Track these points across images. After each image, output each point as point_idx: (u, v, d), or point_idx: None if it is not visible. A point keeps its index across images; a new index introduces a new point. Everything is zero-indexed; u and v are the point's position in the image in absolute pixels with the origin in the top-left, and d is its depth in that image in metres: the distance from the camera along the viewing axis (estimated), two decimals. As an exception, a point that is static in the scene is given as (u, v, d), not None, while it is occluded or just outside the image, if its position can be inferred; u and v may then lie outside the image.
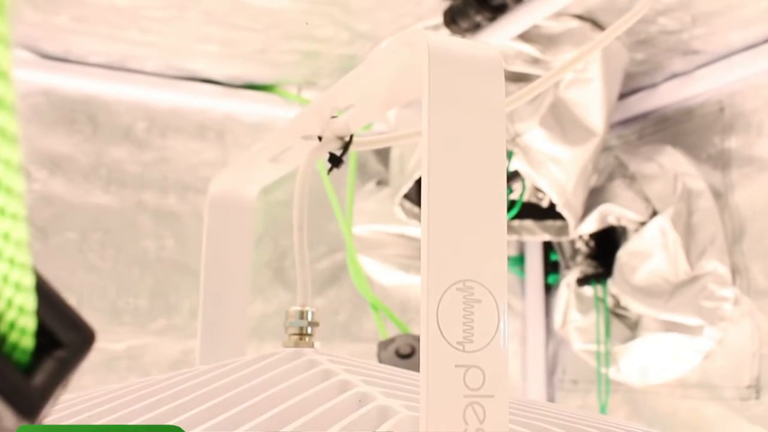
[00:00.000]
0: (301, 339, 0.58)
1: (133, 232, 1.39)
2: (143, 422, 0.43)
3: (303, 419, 0.41)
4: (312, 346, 0.58)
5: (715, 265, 1.30)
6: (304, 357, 0.54)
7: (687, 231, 1.34)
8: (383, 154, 1.52)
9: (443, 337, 0.38)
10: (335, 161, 0.62)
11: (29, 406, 0.22)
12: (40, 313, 0.23)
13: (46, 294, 0.23)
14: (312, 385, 0.48)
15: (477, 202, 0.39)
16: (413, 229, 1.40)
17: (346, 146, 0.62)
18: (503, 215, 0.41)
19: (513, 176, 1.31)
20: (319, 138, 0.62)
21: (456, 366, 0.38)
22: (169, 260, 1.40)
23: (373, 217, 1.45)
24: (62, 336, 0.23)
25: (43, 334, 0.23)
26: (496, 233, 0.40)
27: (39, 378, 0.22)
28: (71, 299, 1.13)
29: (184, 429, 0.41)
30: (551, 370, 1.59)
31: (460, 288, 0.39)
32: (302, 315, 0.59)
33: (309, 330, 0.58)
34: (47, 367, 0.23)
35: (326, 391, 0.47)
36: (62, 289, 0.26)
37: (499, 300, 0.39)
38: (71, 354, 0.23)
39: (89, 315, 0.94)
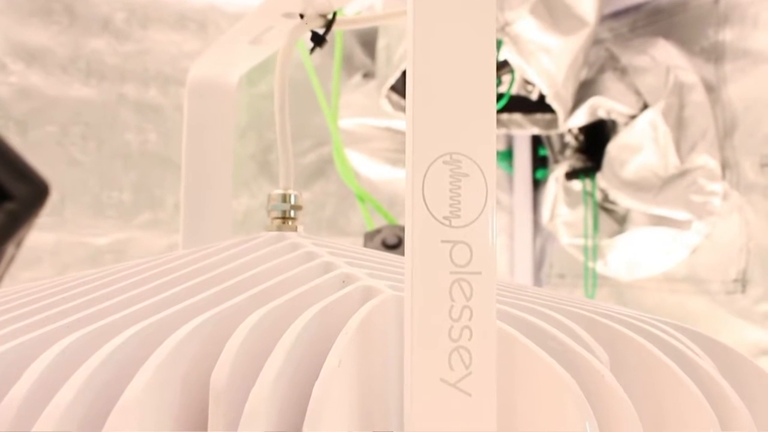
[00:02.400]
0: (284, 223, 0.56)
1: (115, 125, 1.36)
2: (117, 303, 0.41)
3: (284, 298, 0.40)
4: (295, 230, 0.56)
5: (705, 160, 1.29)
6: (286, 240, 0.52)
7: (678, 124, 1.32)
8: (369, 47, 1.48)
9: (429, 211, 0.36)
10: (318, 40, 0.59)
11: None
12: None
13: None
14: (294, 266, 0.46)
15: (465, 71, 0.37)
16: (400, 123, 1.38)
17: (329, 25, 0.59)
18: (492, 88, 0.39)
19: (502, 67, 1.28)
20: (301, 16, 0.59)
21: (442, 241, 0.36)
22: (153, 154, 1.37)
23: (359, 110, 1.43)
24: (12, 188, 0.21)
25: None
26: (485, 105, 0.38)
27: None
28: (52, 194, 1.11)
29: (159, 311, 0.39)
30: (538, 265, 1.59)
31: (447, 161, 0.37)
32: (285, 198, 0.57)
33: (292, 214, 0.56)
34: (-6, 219, 0.21)
35: (309, 272, 0.45)
36: None
37: (488, 174, 0.37)
38: (22, 207, 0.21)
39: (72, 209, 0.93)
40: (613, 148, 1.38)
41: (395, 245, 0.98)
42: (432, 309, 0.35)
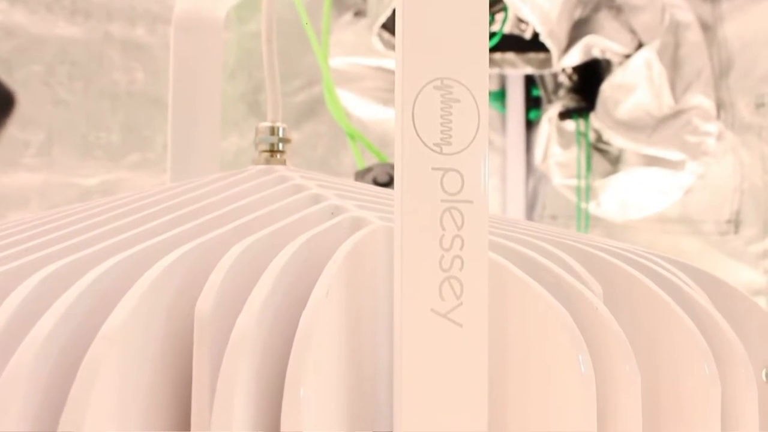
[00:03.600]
0: (272, 156, 0.55)
1: (102, 64, 1.34)
2: (99, 234, 0.40)
3: (271, 228, 0.39)
4: (284, 163, 0.55)
5: (700, 99, 1.27)
6: (274, 173, 0.51)
7: (673, 64, 1.30)
8: (361, -16, 1.46)
9: (419, 138, 0.35)
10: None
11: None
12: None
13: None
14: (282, 198, 0.45)
15: (457, -6, 0.36)
16: (392, 62, 1.36)
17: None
18: (485, 13, 0.37)
19: (495, 4, 1.26)
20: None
21: (433, 169, 0.35)
22: (141, 94, 1.35)
23: (350, 49, 1.41)
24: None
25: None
26: (477, 28, 0.37)
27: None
28: (39, 134, 1.09)
29: (142, 241, 0.39)
30: (531, 206, 1.58)
31: (438, 86, 0.36)
32: (273, 131, 0.56)
33: (280, 147, 0.55)
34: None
35: (296, 204, 0.44)
36: (29, 123, 0.22)
37: (480, 100, 0.36)
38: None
39: (59, 150, 0.92)
40: (607, 88, 1.36)
41: (386, 183, 0.97)
42: (422, 238, 0.35)
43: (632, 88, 1.31)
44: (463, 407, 0.35)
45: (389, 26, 1.29)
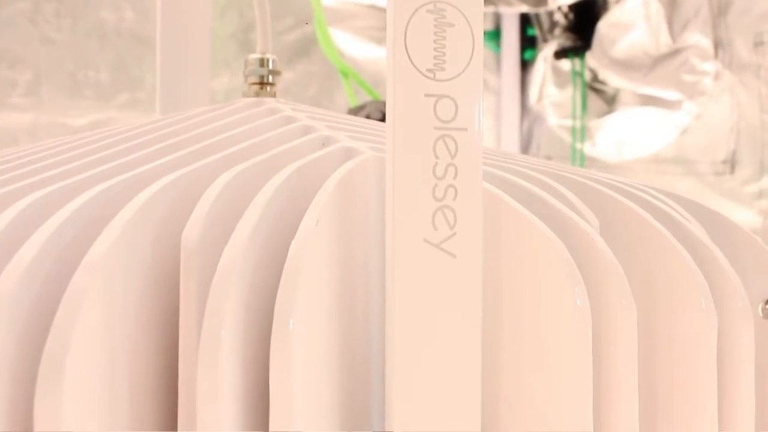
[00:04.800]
0: (261, 88, 0.54)
1: (89, 2, 1.31)
2: (83, 164, 0.39)
3: (260, 157, 0.38)
4: (274, 96, 0.54)
5: (697, 38, 1.26)
6: (264, 105, 0.50)
7: (671, 2, 1.28)
8: None
9: (412, 63, 0.34)
10: None
11: None
12: None
13: None
14: (271, 129, 0.44)
15: None
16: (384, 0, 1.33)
17: None
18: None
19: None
20: None
21: (426, 95, 0.34)
22: (130, 33, 1.33)
23: (343, -14, 1.38)
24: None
25: None
26: (473, -50, 0.35)
27: None
28: (27, 73, 1.08)
29: (128, 170, 0.38)
30: (525, 147, 1.57)
31: (431, 10, 0.34)
32: (263, 63, 0.54)
33: (270, 79, 0.54)
34: None
35: (286, 134, 0.43)
36: (16, 63, 0.21)
37: (474, 25, 0.35)
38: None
39: (48, 90, 0.90)
40: (603, 27, 1.34)
41: (379, 121, 0.95)
42: (415, 166, 0.34)
43: (629, 27, 1.30)
44: (456, 338, 0.34)
45: (383, -38, 1.27)
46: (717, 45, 1.26)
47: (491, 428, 0.38)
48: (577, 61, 1.39)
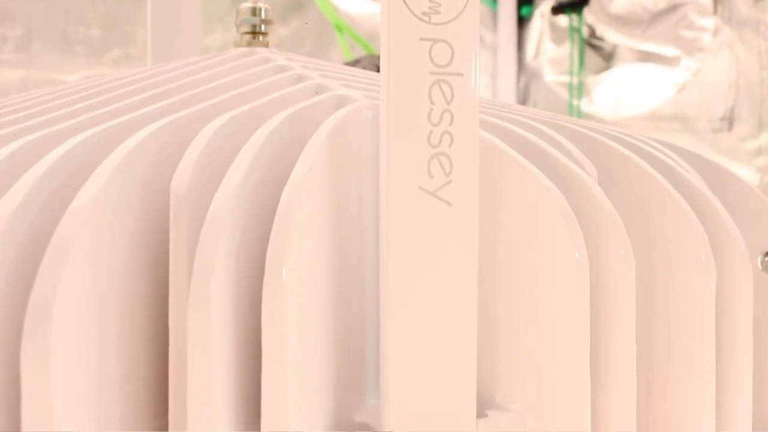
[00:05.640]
0: (254, 38, 0.53)
1: (80, -44, 1.29)
2: (69, 112, 0.38)
3: (251, 104, 0.37)
4: (266, 45, 0.53)
5: (696, -7, 1.24)
6: (257, 55, 0.49)
7: (670, -44, 1.27)
8: None
9: (407, 6, 0.33)
10: None
11: None
12: None
13: None
14: (263, 77, 0.43)
15: None
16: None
17: None
18: None
19: None
20: None
21: (421, 39, 0.33)
22: (121, -13, 1.31)
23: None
24: None
25: None
26: None
27: None
28: (17, 29, 1.06)
29: (116, 117, 0.37)
30: (522, 104, 1.56)
31: (427, -49, 0.33)
32: (255, 12, 0.53)
33: (263, 28, 0.53)
34: None
35: (279, 83, 0.42)
36: (6, 18, 0.20)
37: (472, -34, 0.34)
38: None
39: (39, 45, 0.89)
40: (601, -18, 1.33)
41: (374, 74, 0.94)
42: (410, 112, 0.33)
43: (628, -18, 1.28)
44: (451, 289, 0.34)
45: None
46: (716, 0, 1.25)
47: (488, 381, 0.38)
48: (574, 16, 1.37)
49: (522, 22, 1.55)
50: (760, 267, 0.45)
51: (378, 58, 0.98)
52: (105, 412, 0.30)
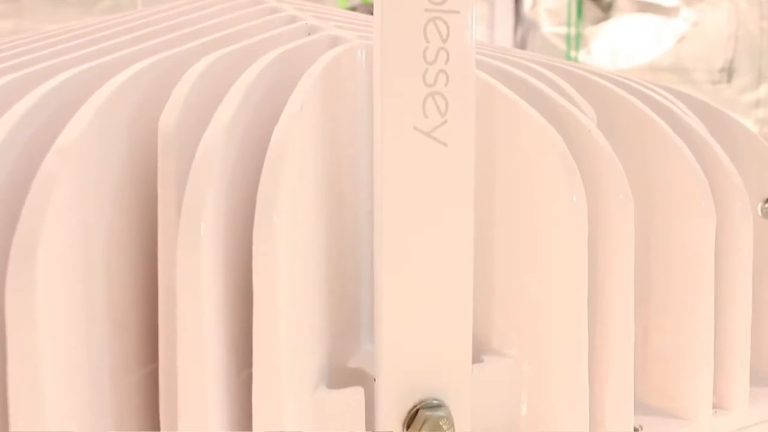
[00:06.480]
0: (244, -17, 0.51)
1: None
2: (54, 52, 0.37)
3: (241, 44, 0.36)
4: (258, -12, 0.51)
5: (697, -58, 1.22)
6: (247, -4, 0.48)
7: None
8: None
9: (402, -62, 0.32)
10: None
11: None
12: None
13: None
14: (255, 18, 0.42)
15: None
16: None
17: None
18: None
19: None
20: None
21: (416, -26, 0.32)
22: (112, -65, 1.29)
23: None
24: None
25: None
26: None
27: None
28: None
29: (104, 55, 0.36)
30: (519, 55, 1.54)
31: None
32: (245, -48, 0.52)
33: (254, -28, 0.51)
34: None
35: (270, 23, 0.41)
36: None
37: None
38: None
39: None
40: (600, -70, 1.31)
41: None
42: (404, 50, 0.32)
43: (627, -70, 1.26)
44: (447, 231, 0.33)
45: None
46: (717, -51, 1.23)
47: (484, 326, 0.38)
48: (573, -34, 1.35)
49: (519, -28, 1.53)
50: (760, 214, 0.45)
51: (372, 6, 0.96)
52: (94, 357, 0.30)
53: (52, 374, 0.27)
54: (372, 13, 0.85)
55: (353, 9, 0.98)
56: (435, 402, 0.33)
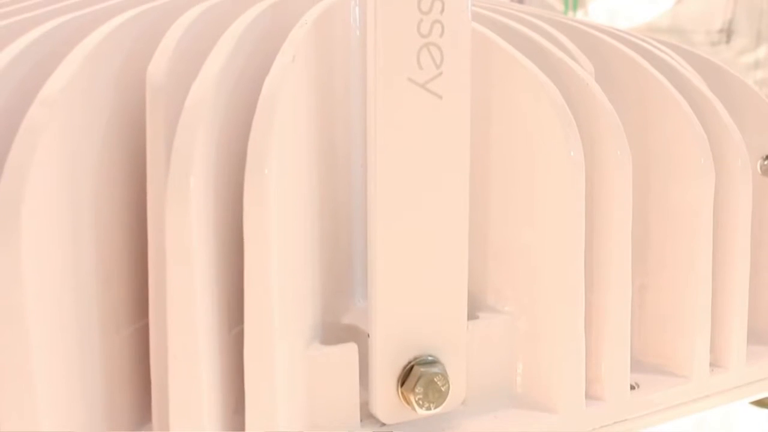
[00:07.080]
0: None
1: None
2: (40, 2, 0.36)
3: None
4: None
5: None
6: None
7: None
8: None
9: None
10: None
11: None
12: None
13: None
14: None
15: None
16: None
17: None
18: None
19: None
20: None
21: None
22: None
23: None
24: None
25: None
26: None
27: None
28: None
29: (90, 5, 0.35)
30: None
31: None
32: None
33: None
34: None
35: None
36: None
37: None
38: None
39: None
40: None
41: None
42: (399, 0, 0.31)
43: None
44: (441, 186, 0.32)
45: None
46: None
47: (479, 282, 0.37)
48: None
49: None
50: (759, 171, 0.44)
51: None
52: (82, 313, 0.29)
53: (39, 332, 0.26)
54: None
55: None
56: (430, 358, 0.33)
